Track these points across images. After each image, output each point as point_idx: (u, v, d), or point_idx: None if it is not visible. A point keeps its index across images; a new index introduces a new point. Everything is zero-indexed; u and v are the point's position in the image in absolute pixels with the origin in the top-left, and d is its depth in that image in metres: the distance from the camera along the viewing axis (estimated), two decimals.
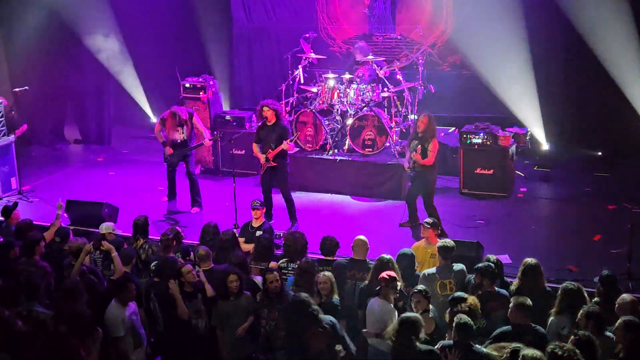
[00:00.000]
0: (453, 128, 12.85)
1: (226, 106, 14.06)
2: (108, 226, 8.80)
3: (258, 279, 7.84)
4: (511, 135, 11.57)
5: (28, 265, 7.84)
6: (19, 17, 14.21)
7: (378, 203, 11.44)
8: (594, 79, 12.29)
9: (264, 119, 10.27)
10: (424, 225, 8.56)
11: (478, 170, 11.50)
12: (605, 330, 6.24)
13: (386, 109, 12.04)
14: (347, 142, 11.96)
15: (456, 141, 11.88)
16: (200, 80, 13.13)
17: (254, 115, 12.19)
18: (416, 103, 12.35)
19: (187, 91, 13.12)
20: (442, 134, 11.92)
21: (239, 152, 12.24)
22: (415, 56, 12.48)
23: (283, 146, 10.14)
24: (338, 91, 11.94)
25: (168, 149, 11.07)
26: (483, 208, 11.05)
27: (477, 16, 12.91)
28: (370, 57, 12.15)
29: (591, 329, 6.09)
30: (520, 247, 9.52)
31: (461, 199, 11.48)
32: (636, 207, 10.75)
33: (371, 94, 11.83)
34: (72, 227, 9.85)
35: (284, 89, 12.63)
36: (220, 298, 7.43)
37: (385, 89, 12.04)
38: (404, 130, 12.16)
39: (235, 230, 9.45)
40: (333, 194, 11.79)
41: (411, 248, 8.34)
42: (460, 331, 6.16)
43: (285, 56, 12.86)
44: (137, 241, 8.78)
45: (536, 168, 12.58)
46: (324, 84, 12.04)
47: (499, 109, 12.88)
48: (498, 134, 11.46)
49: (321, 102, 12.09)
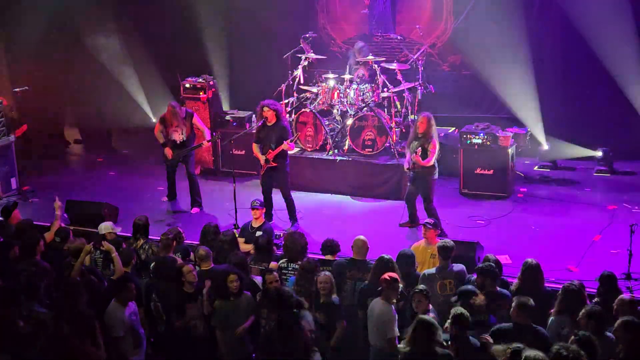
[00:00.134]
0: (453, 128, 12.85)
1: (226, 106, 14.05)
2: (107, 226, 8.80)
3: (258, 279, 7.84)
4: (511, 135, 11.57)
5: (28, 265, 7.84)
6: (19, 17, 14.21)
7: (378, 203, 11.43)
8: (594, 79, 12.30)
9: (264, 119, 10.27)
10: (425, 225, 8.56)
11: (478, 170, 11.50)
12: (605, 330, 6.24)
13: (386, 109, 12.03)
14: (347, 143, 11.95)
15: (456, 141, 11.88)
16: (200, 80, 13.13)
17: (254, 115, 12.21)
18: (416, 103, 12.34)
19: (187, 91, 13.11)
20: (442, 134, 11.91)
21: (239, 153, 12.24)
22: (415, 56, 12.47)
23: (283, 146, 10.14)
24: (338, 91, 11.94)
25: (168, 150, 11.07)
26: (483, 208, 11.05)
27: (477, 16, 12.92)
28: (370, 58, 12.15)
29: (591, 329, 6.09)
30: (520, 247, 9.53)
31: (461, 199, 11.48)
32: (636, 207, 10.75)
33: (371, 94, 11.83)
34: (72, 227, 9.84)
35: (284, 89, 12.63)
36: (220, 298, 7.43)
37: (385, 89, 12.04)
38: (404, 130, 12.15)
39: (235, 230, 9.45)
40: (333, 194, 11.79)
41: (411, 248, 8.35)
42: (456, 323, 6.18)
43: (285, 56, 12.86)
44: (137, 241, 8.79)
45: (536, 168, 12.59)
46: (324, 84, 12.04)
47: (499, 109, 12.88)
48: (498, 134, 11.46)
49: (321, 102, 12.09)
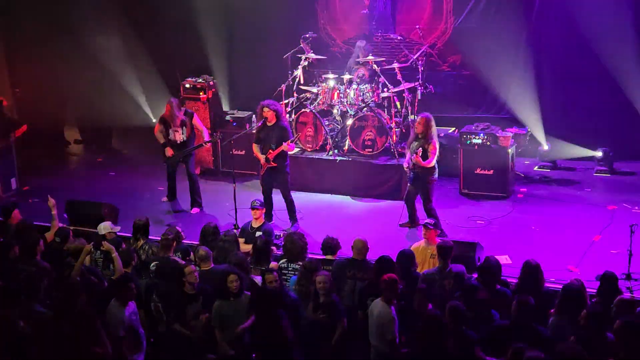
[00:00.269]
0: (453, 128, 12.85)
1: (226, 106, 14.05)
2: (106, 226, 8.80)
3: (258, 279, 7.84)
4: (511, 135, 11.57)
5: (28, 265, 7.84)
6: (19, 17, 14.21)
7: (378, 203, 11.43)
8: (594, 79, 12.29)
9: (264, 120, 10.28)
10: (425, 226, 8.56)
11: (478, 170, 11.50)
12: (606, 330, 6.24)
13: (386, 110, 12.03)
14: (347, 143, 11.95)
15: (456, 142, 11.88)
16: (200, 80, 13.13)
17: (254, 115, 12.21)
18: (416, 103, 12.35)
19: (187, 91, 13.11)
20: (442, 134, 11.92)
21: (239, 153, 12.24)
22: (415, 56, 12.47)
23: (283, 147, 10.14)
24: (338, 91, 11.94)
25: (168, 150, 11.07)
26: (483, 208, 11.05)
27: (477, 16, 12.92)
28: (370, 58, 12.15)
29: (592, 330, 6.09)
30: (520, 248, 9.53)
31: (461, 200, 11.48)
32: (636, 207, 10.75)
33: (371, 95, 11.83)
34: (72, 228, 9.85)
35: (284, 90, 12.63)
36: (220, 298, 7.43)
37: (385, 90, 12.04)
38: (404, 130, 12.15)
39: (235, 230, 9.46)
40: (333, 194, 11.79)
41: (411, 248, 8.36)
42: (451, 317, 6.29)
43: (285, 56, 12.86)
44: (137, 242, 8.78)
45: (536, 168, 12.59)
46: (324, 85, 12.04)
47: (499, 109, 12.88)
48: (498, 134, 11.46)
49: (321, 103, 12.09)
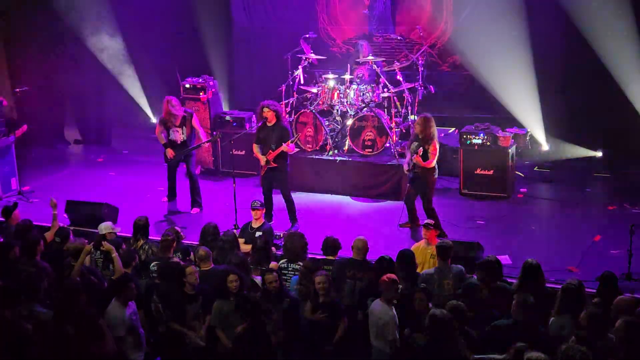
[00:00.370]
0: (453, 128, 12.86)
1: (226, 106, 14.05)
2: (107, 226, 8.79)
3: (258, 279, 7.84)
4: (511, 135, 11.57)
5: (28, 265, 7.84)
6: (19, 17, 14.21)
7: (378, 203, 11.43)
8: (594, 79, 12.28)
9: (264, 120, 10.28)
10: (426, 226, 8.56)
11: (478, 170, 11.50)
12: (606, 331, 6.24)
13: (386, 110, 12.04)
14: (347, 143, 11.96)
15: (456, 142, 11.88)
16: (200, 80, 13.13)
17: (254, 115, 12.21)
18: (416, 103, 12.35)
19: (187, 92, 13.11)
20: (442, 134, 11.92)
21: (239, 153, 12.24)
22: (415, 56, 12.47)
23: (283, 148, 10.14)
24: (338, 92, 11.94)
25: (169, 151, 11.06)
26: (483, 209, 11.05)
27: (477, 16, 12.92)
28: (370, 58, 12.15)
29: (592, 330, 6.09)
30: (520, 248, 9.53)
31: (461, 200, 11.48)
32: (636, 207, 10.75)
33: (371, 95, 11.83)
34: (72, 228, 9.85)
35: (284, 90, 12.63)
36: (220, 298, 7.43)
37: (385, 90, 12.04)
38: (404, 130, 12.16)
39: (235, 230, 9.45)
40: (333, 195, 11.79)
41: (411, 248, 8.35)
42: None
43: (285, 56, 12.86)
44: (137, 242, 8.78)
45: (536, 169, 12.59)
46: (324, 85, 12.04)
47: (499, 110, 12.88)
48: (498, 135, 11.46)
49: (321, 103, 12.09)
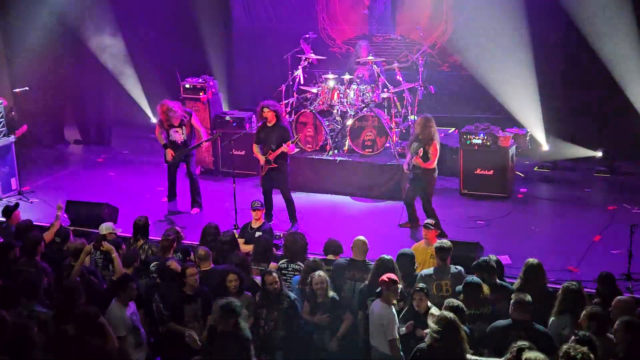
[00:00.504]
0: (453, 129, 12.86)
1: (226, 107, 14.05)
2: (108, 226, 8.80)
3: (258, 280, 7.84)
4: (511, 135, 11.57)
5: (28, 265, 7.85)
6: (20, 17, 14.21)
7: (378, 203, 11.43)
8: (595, 79, 12.29)
9: (264, 120, 10.28)
10: (426, 226, 8.56)
11: (478, 170, 11.50)
12: (606, 331, 6.24)
13: (386, 110, 12.04)
14: (347, 143, 11.96)
15: (456, 142, 11.88)
16: (200, 80, 13.13)
17: (254, 115, 12.21)
18: (416, 104, 12.35)
19: (187, 92, 13.12)
20: (442, 135, 11.91)
21: (239, 153, 12.24)
22: (415, 57, 12.47)
23: (283, 149, 10.14)
24: (338, 92, 11.94)
25: (169, 152, 11.06)
26: (483, 209, 11.04)
27: (477, 16, 12.91)
28: (370, 58, 12.16)
29: (592, 330, 6.09)
30: (520, 248, 9.52)
31: (461, 200, 11.48)
32: (636, 207, 10.75)
33: (371, 95, 11.83)
34: (72, 228, 9.86)
35: (284, 90, 12.63)
36: (220, 298, 7.42)
37: (385, 90, 12.04)
38: (404, 131, 12.16)
39: (235, 231, 9.46)
40: (333, 195, 11.79)
41: (411, 248, 8.35)
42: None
43: (285, 57, 12.86)
44: (137, 242, 8.79)
45: (536, 169, 12.59)
46: (324, 85, 12.04)
47: (499, 110, 12.88)
48: (498, 135, 11.46)
49: (321, 103, 12.09)
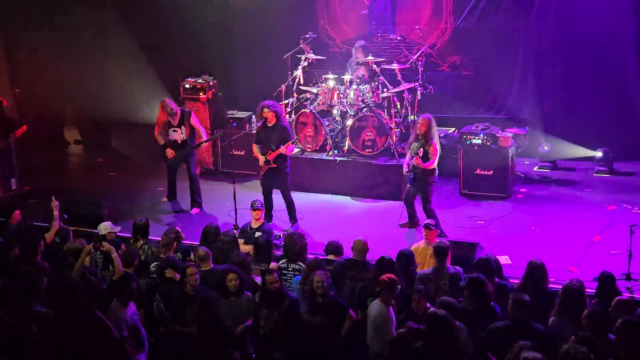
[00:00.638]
0: (453, 129, 12.84)
1: (226, 107, 14.04)
2: (106, 226, 8.80)
3: (258, 280, 7.84)
4: (511, 135, 11.57)
5: (28, 265, 7.84)
6: (20, 17, 14.22)
7: (378, 203, 11.43)
8: (594, 79, 12.29)
9: (264, 120, 10.28)
10: (426, 226, 8.56)
11: (478, 171, 11.50)
12: (607, 331, 6.24)
13: (386, 110, 12.03)
14: (347, 143, 11.95)
15: (456, 142, 11.88)
16: (200, 80, 13.13)
17: (254, 115, 12.21)
18: (416, 104, 12.35)
19: (187, 92, 13.11)
20: (442, 135, 11.91)
21: (239, 153, 12.24)
22: (415, 57, 12.47)
23: (281, 150, 10.14)
24: (338, 92, 11.94)
25: (169, 151, 11.06)
26: (483, 209, 11.05)
27: (477, 16, 12.91)
28: (370, 58, 12.15)
29: (593, 330, 6.09)
30: (520, 248, 9.53)
31: (461, 200, 11.48)
32: (636, 207, 10.75)
33: (371, 95, 11.83)
34: (72, 228, 9.85)
35: (284, 90, 12.63)
36: (220, 297, 7.43)
37: (385, 90, 12.04)
38: (404, 131, 12.15)
39: (235, 231, 9.46)
40: (333, 195, 11.79)
41: (411, 248, 8.36)
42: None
43: (284, 57, 12.86)
44: (137, 242, 8.79)
45: (536, 168, 12.59)
46: (324, 85, 12.03)
47: (499, 110, 12.87)
48: (498, 135, 11.46)
49: (321, 103, 12.08)
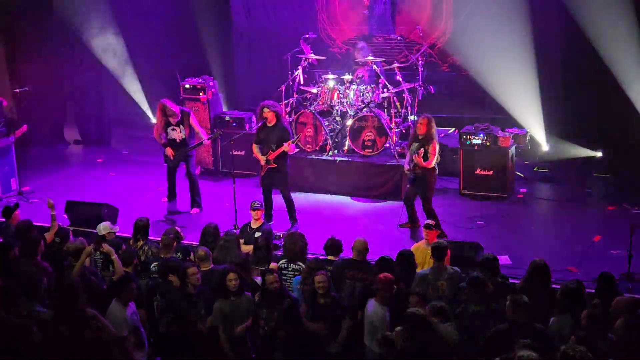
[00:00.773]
0: (453, 129, 12.87)
1: (226, 107, 14.04)
2: (105, 226, 8.79)
3: (258, 280, 7.84)
4: (511, 135, 11.57)
5: (28, 265, 7.84)
6: (19, 18, 14.21)
7: (378, 204, 11.43)
8: (595, 79, 12.28)
9: (264, 120, 10.28)
10: (427, 226, 8.56)
11: (478, 171, 11.50)
12: (606, 331, 6.24)
13: (386, 110, 12.04)
14: (347, 143, 11.96)
15: (456, 142, 11.88)
16: (200, 81, 13.12)
17: (254, 115, 12.22)
18: (416, 104, 12.36)
19: (187, 92, 13.11)
20: (442, 135, 11.92)
21: (239, 153, 12.24)
22: (415, 57, 12.48)
23: (284, 148, 10.15)
24: (338, 92, 11.94)
25: (169, 150, 11.07)
26: (483, 209, 11.05)
27: (477, 16, 12.91)
28: (370, 58, 12.16)
29: (592, 330, 6.10)
30: (520, 248, 9.53)
31: (461, 200, 11.48)
32: (636, 208, 10.75)
33: (371, 95, 11.83)
34: (72, 228, 9.86)
35: (284, 90, 12.63)
36: (220, 297, 7.43)
37: (385, 90, 12.04)
38: (404, 131, 12.16)
39: (235, 231, 9.45)
40: (333, 195, 11.79)
41: (411, 248, 8.36)
42: (436, 317, 6.31)
43: (285, 57, 12.86)
44: (137, 242, 8.78)
45: (536, 169, 12.59)
46: (324, 85, 12.04)
47: (499, 110, 12.88)
48: (498, 135, 11.46)
49: (321, 103, 12.09)
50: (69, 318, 6.46)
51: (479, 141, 11.47)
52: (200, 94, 13.01)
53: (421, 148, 9.77)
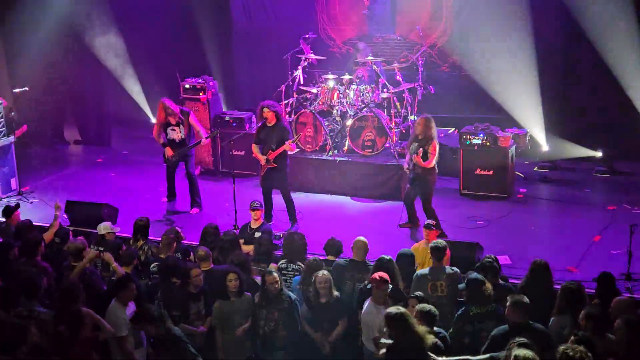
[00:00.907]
0: (453, 129, 12.85)
1: (226, 107, 14.04)
2: (106, 226, 8.81)
3: (258, 280, 7.84)
4: (511, 136, 11.57)
5: (28, 265, 7.85)
6: (19, 18, 14.21)
7: (378, 204, 11.43)
8: (595, 79, 12.29)
9: (264, 120, 10.28)
10: (427, 226, 8.56)
11: (478, 171, 11.49)
12: (606, 331, 6.24)
13: (386, 110, 12.04)
14: (347, 143, 11.96)
15: (456, 142, 11.88)
16: (200, 81, 13.13)
17: (254, 115, 12.22)
18: (416, 104, 12.35)
19: (187, 92, 13.11)
20: (442, 135, 11.92)
21: (239, 153, 12.24)
22: (414, 57, 12.47)
23: (285, 147, 10.15)
24: (338, 92, 11.94)
25: (168, 150, 11.07)
26: (483, 209, 11.04)
27: (477, 17, 12.91)
28: (370, 58, 12.16)
29: (592, 330, 6.09)
30: (520, 248, 9.53)
31: (461, 200, 11.47)
32: (636, 207, 10.75)
33: (371, 95, 11.83)
34: (72, 228, 9.87)
35: (284, 90, 12.63)
36: (220, 298, 7.43)
37: (384, 90, 12.04)
38: (404, 131, 12.16)
39: (235, 231, 9.45)
40: (333, 195, 11.79)
41: (411, 248, 8.36)
42: (424, 319, 6.27)
43: (284, 57, 12.86)
44: (137, 242, 8.79)
45: (536, 169, 12.59)
46: (324, 85, 12.04)
47: (499, 110, 12.88)
48: (498, 135, 11.46)
49: (321, 103, 12.09)
50: (66, 318, 6.46)
51: (479, 141, 11.47)
52: (200, 94, 13.01)
53: (420, 148, 9.77)
